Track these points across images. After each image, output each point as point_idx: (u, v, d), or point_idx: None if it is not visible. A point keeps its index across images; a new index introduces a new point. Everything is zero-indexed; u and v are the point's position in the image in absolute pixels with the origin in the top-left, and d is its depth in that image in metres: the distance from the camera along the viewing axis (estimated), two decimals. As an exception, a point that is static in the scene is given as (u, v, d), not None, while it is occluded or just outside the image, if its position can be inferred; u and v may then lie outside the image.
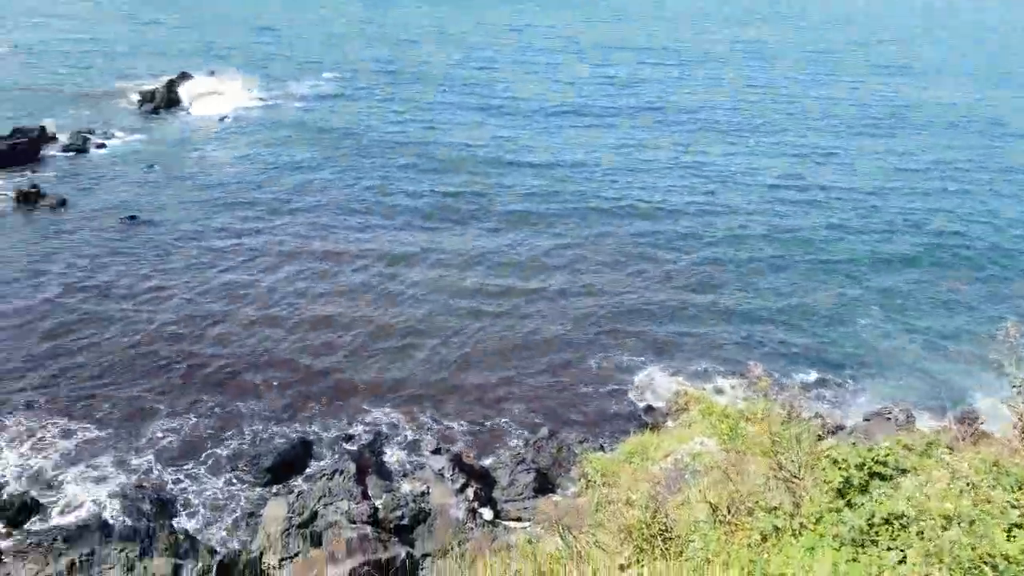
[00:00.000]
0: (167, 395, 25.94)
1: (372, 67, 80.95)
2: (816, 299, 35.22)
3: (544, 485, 22.06)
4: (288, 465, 22.89)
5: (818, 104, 72.96)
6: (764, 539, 7.30)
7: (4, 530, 19.41)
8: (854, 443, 10.56)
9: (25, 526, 19.69)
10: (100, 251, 36.29)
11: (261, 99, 66.10)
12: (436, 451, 21.93)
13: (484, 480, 22.00)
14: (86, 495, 21.11)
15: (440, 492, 20.55)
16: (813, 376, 29.49)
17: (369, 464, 22.66)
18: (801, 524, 7.27)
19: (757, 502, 7.88)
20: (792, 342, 31.75)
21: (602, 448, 22.72)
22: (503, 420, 25.94)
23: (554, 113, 65.77)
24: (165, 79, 65.64)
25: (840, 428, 23.66)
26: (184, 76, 66.64)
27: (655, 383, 28.48)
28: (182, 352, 28.51)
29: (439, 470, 21.18)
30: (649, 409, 26.26)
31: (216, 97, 64.47)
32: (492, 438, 25.09)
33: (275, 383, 27.07)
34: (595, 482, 12.28)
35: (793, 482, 7.99)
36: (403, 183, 47.62)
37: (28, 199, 40.86)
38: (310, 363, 28.44)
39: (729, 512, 7.99)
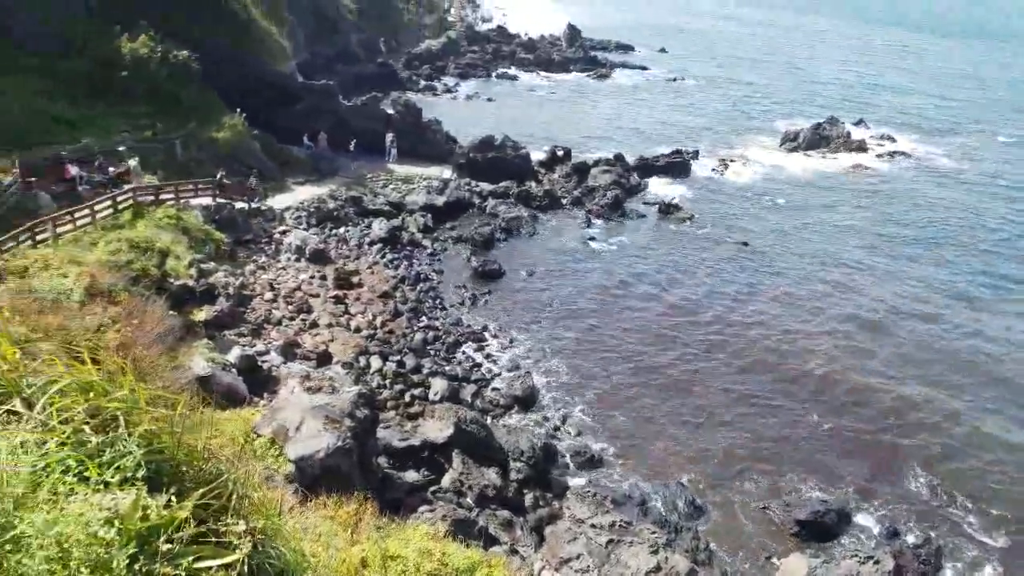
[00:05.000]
0: (730, 410, 27.31)
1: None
2: None
3: None
4: (818, 526, 21.74)
5: None
6: None
7: (575, 468, 23.43)
8: None
9: (589, 476, 23.27)
10: (712, 268, 39.88)
11: (905, 154, 63.02)
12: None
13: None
14: (627, 470, 23.65)
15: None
16: None
17: (910, 568, 19.95)
18: None
19: None
20: None
21: None
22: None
23: None
24: (811, 122, 67.86)
25: None
26: (832, 121, 67.67)
27: None
28: (749, 374, 29.60)
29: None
30: None
31: (854, 146, 63.93)
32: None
33: (831, 437, 25.98)
34: None
35: None
36: None
37: (667, 211, 47.48)
38: (876, 431, 26.38)
39: None
